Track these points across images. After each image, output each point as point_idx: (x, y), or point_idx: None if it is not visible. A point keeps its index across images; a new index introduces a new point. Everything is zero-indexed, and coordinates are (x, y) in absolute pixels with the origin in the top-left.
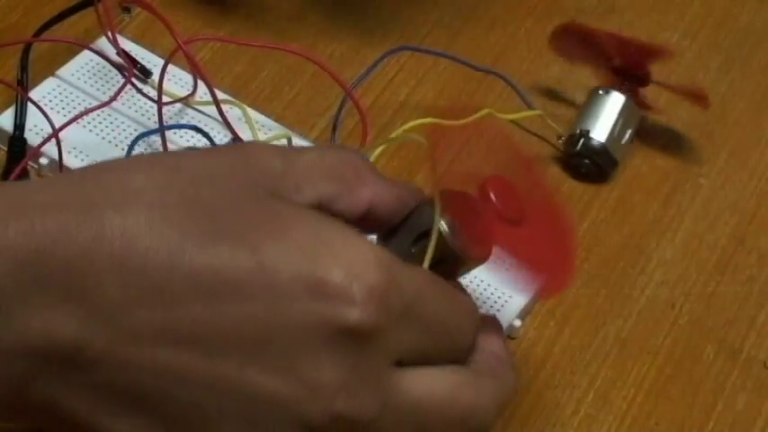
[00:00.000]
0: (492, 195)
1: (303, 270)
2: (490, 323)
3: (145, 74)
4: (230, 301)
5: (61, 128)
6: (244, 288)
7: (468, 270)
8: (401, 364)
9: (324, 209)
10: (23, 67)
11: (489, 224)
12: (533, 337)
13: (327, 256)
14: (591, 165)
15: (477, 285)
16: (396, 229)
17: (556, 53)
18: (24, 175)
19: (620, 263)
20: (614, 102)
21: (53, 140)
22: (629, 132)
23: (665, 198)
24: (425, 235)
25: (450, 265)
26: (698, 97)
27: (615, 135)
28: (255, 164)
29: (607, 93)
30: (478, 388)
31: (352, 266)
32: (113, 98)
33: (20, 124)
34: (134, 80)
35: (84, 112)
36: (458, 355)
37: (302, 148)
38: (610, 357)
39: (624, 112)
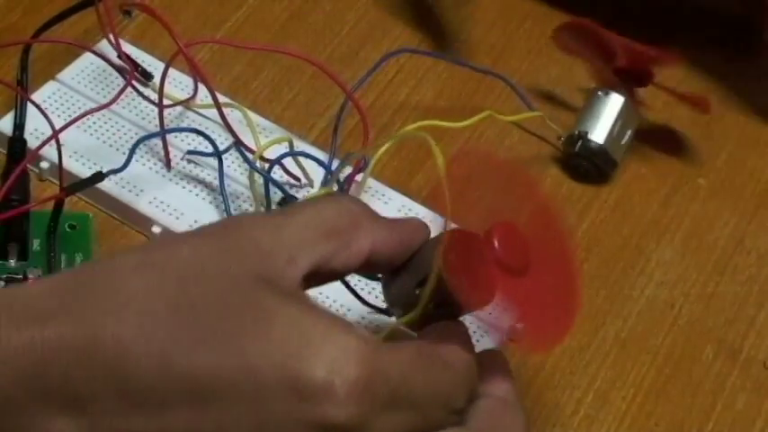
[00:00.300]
0: (496, 242)
1: (286, 369)
2: (495, 362)
3: (146, 77)
4: (218, 403)
5: (61, 129)
6: (230, 391)
7: (472, 311)
8: None
9: (322, 269)
10: (23, 67)
11: (492, 270)
12: None
13: (309, 352)
14: (590, 165)
15: None
16: (401, 268)
17: (557, 46)
18: (24, 176)
19: (620, 263)
20: (613, 103)
21: (54, 145)
22: (628, 133)
23: (664, 198)
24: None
25: (452, 307)
26: (698, 102)
27: (614, 136)
28: (242, 248)
29: (606, 94)
30: None
31: (334, 362)
32: (113, 100)
33: (20, 124)
34: (135, 83)
35: (84, 113)
36: (452, 419)
37: (295, 209)
38: (609, 358)
39: (623, 114)
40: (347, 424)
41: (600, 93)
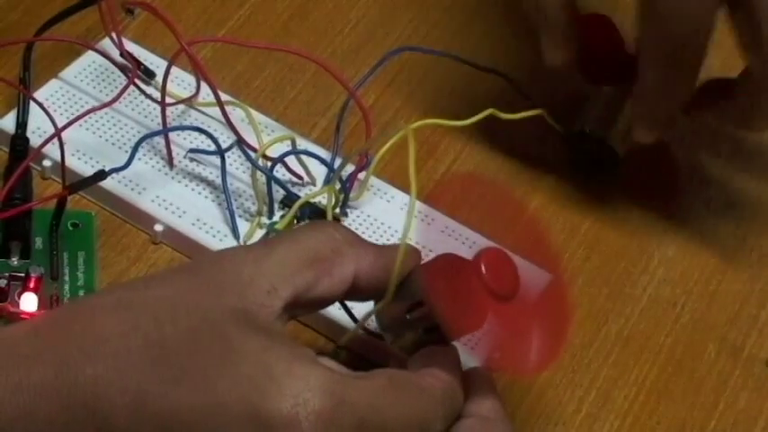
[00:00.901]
0: (483, 268)
1: (251, 404)
2: (479, 379)
3: (148, 75)
4: None
5: (64, 127)
6: (199, 427)
7: (462, 336)
8: None
9: (304, 297)
10: (26, 65)
11: (481, 296)
12: None
13: (273, 386)
14: (593, 162)
15: None
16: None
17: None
18: (26, 175)
19: (622, 261)
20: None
21: (57, 143)
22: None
23: (666, 196)
24: (420, 304)
25: (444, 331)
26: None
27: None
28: (221, 282)
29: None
30: None
31: (298, 395)
32: (115, 98)
33: (22, 122)
34: (137, 81)
35: (87, 111)
36: None
37: (276, 240)
38: (612, 356)
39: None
40: None
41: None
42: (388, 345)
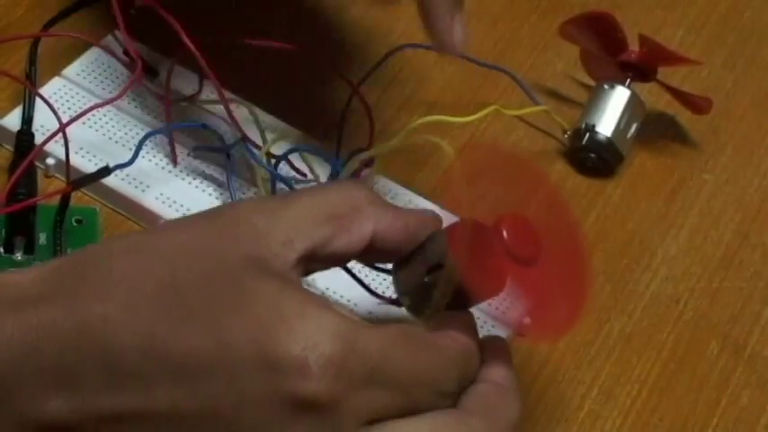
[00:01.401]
0: (504, 233)
1: (260, 345)
2: (495, 347)
3: (152, 72)
4: (198, 380)
5: (67, 124)
6: (208, 368)
7: (482, 301)
8: (377, 421)
9: (321, 252)
10: (32, 60)
11: (501, 260)
12: None
13: (284, 328)
14: (597, 159)
15: None
16: (411, 256)
17: (561, 34)
18: (31, 170)
19: (625, 259)
20: (620, 96)
21: (61, 141)
22: (634, 127)
23: (669, 194)
24: (439, 266)
25: (462, 296)
26: (697, 104)
27: (621, 129)
28: (236, 230)
29: (612, 87)
30: (465, 428)
31: (309, 339)
32: (119, 95)
33: (27, 118)
34: (141, 78)
35: (90, 108)
36: (441, 402)
37: (295, 194)
38: (614, 353)
39: (629, 107)
40: (321, 399)
41: (606, 86)
42: (404, 309)
